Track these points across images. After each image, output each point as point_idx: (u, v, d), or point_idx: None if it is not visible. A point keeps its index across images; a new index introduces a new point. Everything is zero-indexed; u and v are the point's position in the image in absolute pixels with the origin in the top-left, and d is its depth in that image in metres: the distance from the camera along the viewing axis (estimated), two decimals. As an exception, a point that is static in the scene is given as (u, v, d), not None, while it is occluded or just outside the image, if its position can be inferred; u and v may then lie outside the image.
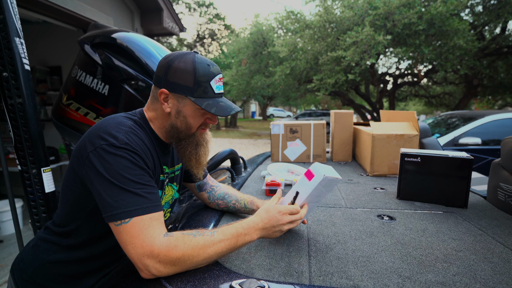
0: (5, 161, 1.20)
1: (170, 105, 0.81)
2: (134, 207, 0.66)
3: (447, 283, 0.64)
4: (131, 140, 0.72)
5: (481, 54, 8.15)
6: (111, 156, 0.68)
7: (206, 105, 0.79)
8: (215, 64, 0.83)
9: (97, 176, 0.68)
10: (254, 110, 37.55)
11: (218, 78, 0.82)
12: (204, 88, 0.79)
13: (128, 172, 0.68)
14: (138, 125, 0.80)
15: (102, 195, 0.67)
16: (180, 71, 0.78)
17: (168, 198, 0.95)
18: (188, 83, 0.78)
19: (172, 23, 4.71)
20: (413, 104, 20.70)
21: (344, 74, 7.35)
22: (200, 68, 0.78)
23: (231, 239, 0.70)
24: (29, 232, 2.95)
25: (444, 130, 4.10)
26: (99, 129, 0.72)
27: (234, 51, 11.28)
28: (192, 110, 0.81)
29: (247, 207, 1.03)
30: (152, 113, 0.85)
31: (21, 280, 0.84)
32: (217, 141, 12.47)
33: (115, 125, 0.73)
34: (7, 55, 1.04)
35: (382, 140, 1.64)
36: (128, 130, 0.74)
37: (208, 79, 0.79)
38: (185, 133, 0.84)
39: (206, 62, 0.80)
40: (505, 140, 1.17)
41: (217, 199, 1.07)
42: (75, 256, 0.82)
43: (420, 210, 1.11)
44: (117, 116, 0.79)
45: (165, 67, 0.80)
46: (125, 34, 1.30)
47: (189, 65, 0.78)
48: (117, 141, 0.70)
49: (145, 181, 0.70)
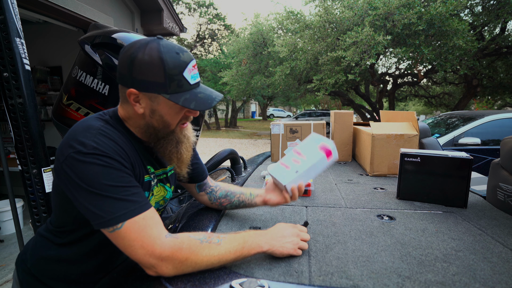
0: (5, 161, 1.21)
1: (143, 105, 0.73)
2: (122, 212, 0.63)
3: (447, 283, 0.64)
4: (100, 143, 0.67)
5: (480, 54, 8.15)
6: (82, 164, 0.64)
7: (184, 101, 0.70)
8: (185, 50, 0.73)
9: (75, 187, 0.65)
10: (254, 110, 37.53)
11: (191, 67, 0.72)
12: (178, 81, 0.70)
13: (104, 177, 0.64)
14: (110, 125, 0.74)
15: (84, 205, 0.64)
16: (146, 65, 0.68)
17: (159, 198, 0.90)
18: (158, 78, 0.68)
19: (172, 23, 4.71)
20: (413, 104, 20.71)
21: (344, 74, 7.35)
22: (169, 59, 0.68)
23: (237, 249, 0.69)
24: (30, 232, 2.95)
25: (443, 130, 4.10)
26: (68, 136, 0.69)
27: (234, 51, 11.26)
28: (168, 107, 0.73)
29: (252, 195, 1.00)
30: (125, 112, 0.78)
31: (22, 273, 0.85)
32: (217, 141, 12.47)
33: (82, 130, 0.69)
34: (8, 55, 1.04)
35: (382, 140, 1.64)
36: (96, 133, 0.69)
37: (180, 70, 0.70)
38: (164, 131, 0.77)
39: (174, 50, 0.70)
40: (505, 140, 1.17)
41: (220, 198, 1.04)
42: (66, 255, 0.81)
43: (419, 210, 1.11)
44: (87, 119, 0.74)
45: (127, 62, 0.69)
46: (125, 34, 1.30)
47: (156, 57, 0.67)
48: (85, 147, 0.65)
49: (125, 182, 0.67)
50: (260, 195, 0.99)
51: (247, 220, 1.02)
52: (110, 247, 0.69)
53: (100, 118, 0.75)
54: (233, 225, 0.97)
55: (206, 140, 12.52)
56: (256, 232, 0.76)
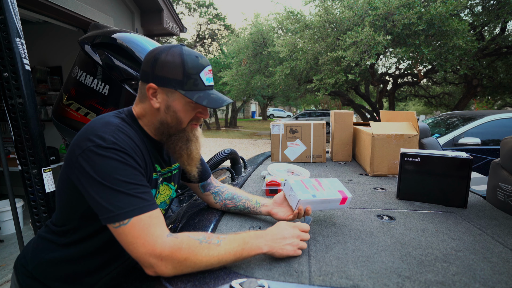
0: (5, 161, 1.21)
1: (159, 100, 0.78)
2: (131, 208, 0.65)
3: (447, 283, 0.64)
4: (119, 139, 0.70)
5: (480, 54, 8.15)
6: (100, 158, 0.66)
7: (198, 98, 0.76)
8: (203, 56, 0.81)
9: (88, 179, 0.66)
10: (254, 110, 37.55)
11: (207, 70, 0.80)
12: (194, 80, 0.77)
13: (119, 173, 0.66)
14: (127, 123, 0.78)
15: (95, 198, 0.66)
16: (168, 64, 0.75)
17: (165, 197, 0.93)
18: (177, 76, 0.75)
19: (172, 23, 4.71)
20: (413, 104, 20.72)
21: (344, 74, 7.35)
22: (189, 60, 0.76)
23: (237, 250, 0.69)
24: (30, 232, 2.95)
25: (443, 130, 4.10)
26: (86, 131, 0.71)
27: (234, 51, 11.27)
28: (182, 104, 0.79)
29: (258, 203, 1.02)
30: (140, 110, 0.82)
31: (22, 276, 0.85)
32: (217, 141, 12.47)
33: (101, 126, 0.72)
34: (8, 55, 1.04)
35: (382, 140, 1.64)
36: (115, 129, 0.72)
37: (198, 71, 0.77)
38: (176, 128, 0.82)
39: (195, 54, 0.78)
40: (505, 140, 1.17)
41: (225, 199, 1.05)
42: (72, 254, 0.82)
43: (419, 210, 1.11)
44: (104, 116, 0.78)
45: (151, 61, 0.77)
46: (125, 34, 1.30)
47: (177, 58, 0.75)
48: (104, 141, 0.68)
49: (138, 180, 0.69)
50: (266, 205, 1.01)
51: (247, 220, 1.02)
52: (116, 245, 0.70)
53: (117, 116, 0.79)
54: (233, 225, 0.97)
55: (206, 140, 12.52)
56: (256, 233, 0.76)
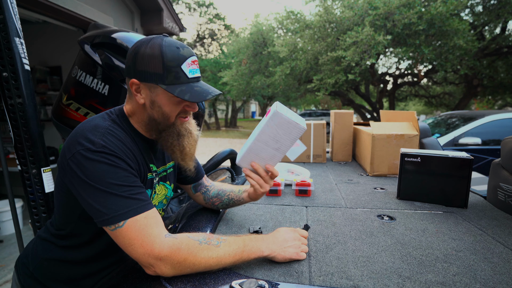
0: (5, 161, 1.20)
1: (143, 96, 0.76)
2: (125, 210, 0.64)
3: (447, 283, 0.64)
4: (108, 143, 0.69)
5: (481, 54, 8.15)
6: (89, 162, 0.66)
7: (179, 92, 0.73)
8: (186, 46, 0.77)
9: (81, 183, 0.66)
10: (254, 110, 37.55)
11: (190, 61, 0.75)
12: (175, 73, 0.73)
13: (110, 176, 0.66)
14: (117, 124, 0.77)
15: (88, 202, 0.65)
16: (147, 57, 0.72)
17: (161, 197, 0.92)
18: (157, 69, 0.72)
19: (172, 23, 4.71)
20: (413, 104, 20.70)
21: (344, 74, 7.35)
22: (168, 52, 0.72)
23: (237, 252, 0.69)
24: (29, 232, 2.95)
25: (444, 130, 4.10)
26: (76, 134, 0.70)
27: (234, 51, 11.26)
28: (166, 98, 0.76)
29: (240, 191, 0.99)
30: (130, 107, 0.81)
31: (23, 276, 0.85)
32: (217, 141, 12.47)
33: (91, 128, 0.70)
34: (7, 55, 1.04)
35: (382, 140, 1.64)
36: (104, 132, 0.71)
37: (179, 63, 0.73)
38: (164, 124, 0.79)
39: (175, 44, 0.74)
40: (505, 140, 1.17)
41: (212, 198, 1.04)
42: (71, 257, 0.82)
43: (420, 210, 1.11)
44: (94, 118, 0.76)
45: (132, 54, 0.74)
46: (125, 34, 1.30)
47: (156, 50, 0.72)
48: (94, 145, 0.67)
49: (130, 182, 0.68)
50: (246, 190, 0.98)
51: (247, 220, 1.01)
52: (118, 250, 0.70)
53: (108, 117, 0.77)
54: (233, 225, 0.97)
55: (206, 140, 12.52)
56: (257, 236, 0.76)
